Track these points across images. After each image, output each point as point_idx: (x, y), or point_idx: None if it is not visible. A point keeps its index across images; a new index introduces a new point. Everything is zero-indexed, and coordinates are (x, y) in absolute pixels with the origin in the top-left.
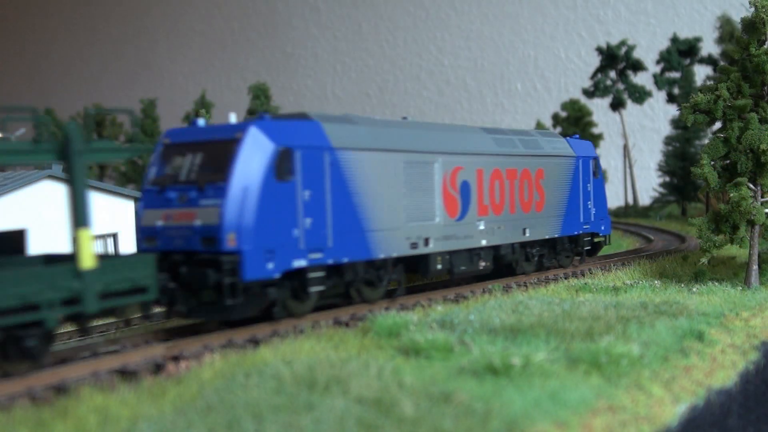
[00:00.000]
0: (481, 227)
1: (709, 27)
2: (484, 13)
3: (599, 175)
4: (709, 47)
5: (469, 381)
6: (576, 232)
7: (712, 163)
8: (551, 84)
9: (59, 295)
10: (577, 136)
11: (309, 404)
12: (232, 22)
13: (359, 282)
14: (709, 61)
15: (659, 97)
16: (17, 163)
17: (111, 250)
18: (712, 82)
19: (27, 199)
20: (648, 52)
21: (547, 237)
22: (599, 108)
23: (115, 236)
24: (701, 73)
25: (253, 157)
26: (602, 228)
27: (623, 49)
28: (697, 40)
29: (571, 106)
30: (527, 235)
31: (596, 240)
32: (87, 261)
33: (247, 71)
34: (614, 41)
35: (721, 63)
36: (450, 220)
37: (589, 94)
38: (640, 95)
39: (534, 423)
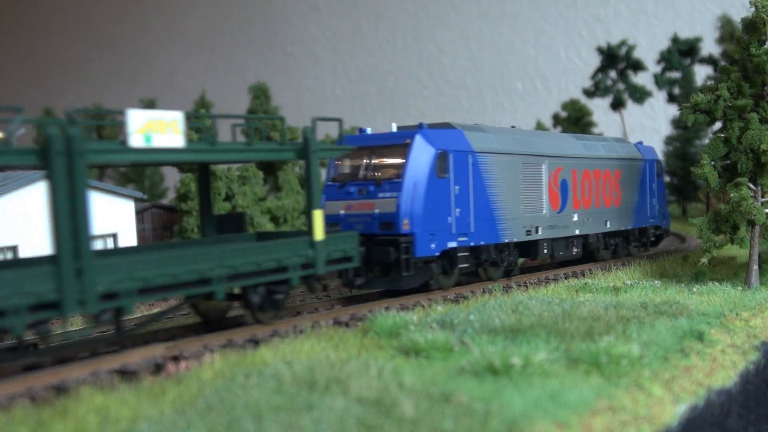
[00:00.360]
0: (575, 219)
1: (710, 27)
2: (484, 13)
3: (661, 176)
4: (710, 47)
5: (469, 381)
6: (644, 225)
7: (713, 163)
8: (551, 84)
9: (300, 260)
10: (641, 141)
11: (309, 404)
12: (232, 22)
13: (488, 262)
14: (710, 61)
15: (659, 97)
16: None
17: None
18: (712, 82)
19: None
20: (648, 52)
21: (622, 228)
22: (599, 108)
23: (114, 236)
24: (701, 73)
25: (420, 159)
26: (664, 222)
27: (623, 49)
28: (698, 40)
29: (572, 106)
30: (608, 226)
31: (658, 232)
32: (318, 235)
33: (247, 71)
34: (614, 41)
35: (722, 63)
36: (553, 212)
37: (589, 94)
38: (640, 95)
39: (534, 423)
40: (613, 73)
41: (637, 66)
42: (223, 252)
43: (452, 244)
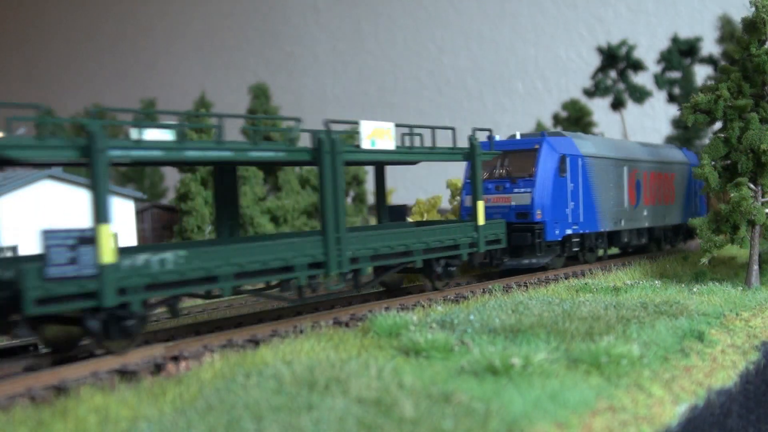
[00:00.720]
0: (645, 213)
1: (710, 27)
2: (484, 13)
3: None
4: (710, 47)
5: (469, 381)
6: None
7: (713, 163)
8: (551, 84)
9: (468, 240)
10: (685, 149)
11: (309, 404)
12: (232, 22)
13: (587, 248)
14: (710, 61)
15: (660, 97)
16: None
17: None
18: (712, 82)
19: None
20: (648, 52)
21: (675, 223)
22: (600, 108)
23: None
24: (702, 73)
25: (547, 161)
26: None
27: (624, 49)
28: (698, 39)
29: (572, 105)
30: (666, 220)
31: None
32: (480, 220)
33: (247, 71)
34: (615, 41)
35: (722, 63)
36: (631, 207)
37: (589, 94)
38: (640, 95)
39: (534, 423)
40: (613, 73)
41: (637, 66)
42: (420, 232)
43: (569, 231)
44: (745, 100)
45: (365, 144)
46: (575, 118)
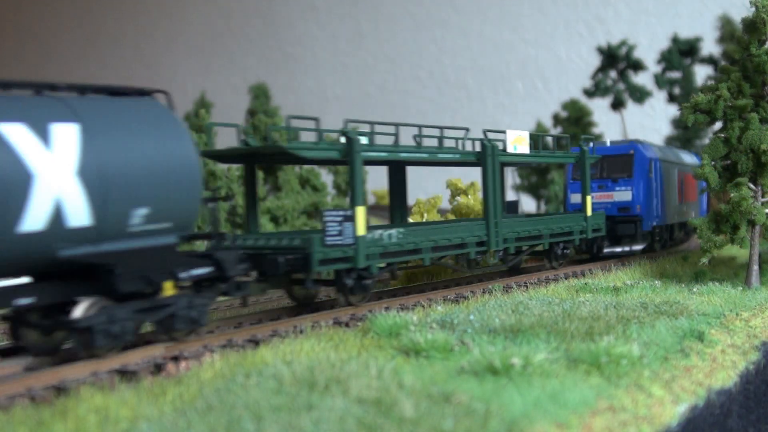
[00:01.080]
0: (684, 209)
1: (710, 27)
2: (484, 13)
3: None
4: (710, 47)
5: (469, 381)
6: None
7: (713, 163)
8: (551, 84)
9: (579, 228)
10: (694, 152)
11: (309, 404)
12: (232, 22)
13: (661, 237)
14: (710, 61)
15: (660, 97)
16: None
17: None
18: (712, 82)
19: None
20: (648, 52)
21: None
22: (600, 108)
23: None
24: (702, 73)
25: (641, 164)
26: None
27: (624, 49)
28: (698, 40)
29: (572, 106)
30: (693, 215)
31: None
32: (588, 212)
33: (247, 71)
34: (615, 41)
35: (722, 63)
36: (678, 204)
37: (589, 93)
38: (640, 95)
39: (534, 423)
40: (613, 73)
41: (637, 66)
42: (547, 220)
43: (656, 223)
44: (745, 100)
45: (509, 148)
46: (575, 118)
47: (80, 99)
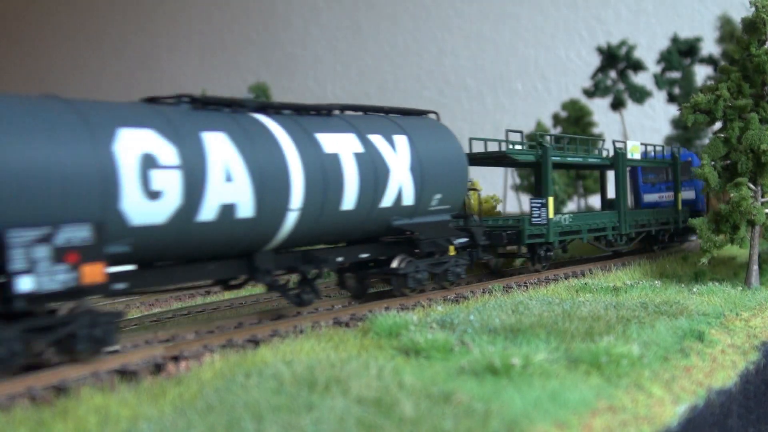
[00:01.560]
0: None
1: (710, 27)
2: (484, 13)
3: None
4: (710, 47)
5: (469, 381)
6: None
7: (713, 163)
8: (551, 84)
9: (672, 218)
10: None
11: (309, 404)
12: (232, 22)
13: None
14: (710, 61)
15: (659, 97)
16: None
17: None
18: (712, 82)
19: None
20: (648, 52)
21: None
22: (599, 108)
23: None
24: (702, 73)
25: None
26: None
27: (623, 49)
28: (698, 40)
29: (572, 106)
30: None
31: None
32: (679, 206)
33: (247, 71)
34: (614, 41)
35: (722, 63)
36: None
37: (589, 94)
38: (640, 95)
39: (534, 423)
40: (613, 73)
41: (637, 66)
42: (652, 212)
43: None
44: (745, 100)
45: (628, 155)
46: (575, 118)
47: (402, 118)
